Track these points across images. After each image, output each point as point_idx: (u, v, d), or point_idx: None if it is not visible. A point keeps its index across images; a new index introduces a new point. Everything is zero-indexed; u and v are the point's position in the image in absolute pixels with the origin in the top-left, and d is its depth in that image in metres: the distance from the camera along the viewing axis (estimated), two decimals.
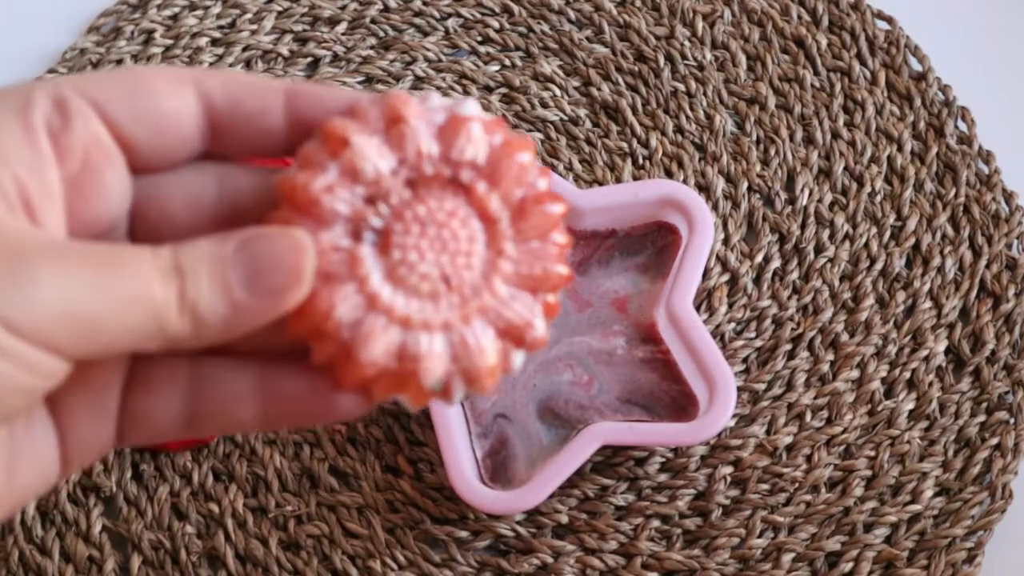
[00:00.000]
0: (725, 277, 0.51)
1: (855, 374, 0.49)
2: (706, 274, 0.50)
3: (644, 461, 0.48)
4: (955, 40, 0.55)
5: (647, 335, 0.48)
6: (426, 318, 0.25)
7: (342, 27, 0.56)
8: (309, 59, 0.56)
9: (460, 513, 0.47)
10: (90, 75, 0.26)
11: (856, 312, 0.50)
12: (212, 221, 0.27)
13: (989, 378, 0.48)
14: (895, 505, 0.47)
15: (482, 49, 0.56)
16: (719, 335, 0.49)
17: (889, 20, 0.56)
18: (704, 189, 0.52)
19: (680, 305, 0.46)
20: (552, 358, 0.47)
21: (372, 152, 0.25)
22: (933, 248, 0.51)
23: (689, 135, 0.53)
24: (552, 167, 0.52)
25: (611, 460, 0.48)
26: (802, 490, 0.47)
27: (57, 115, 0.25)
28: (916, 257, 0.51)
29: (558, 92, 0.54)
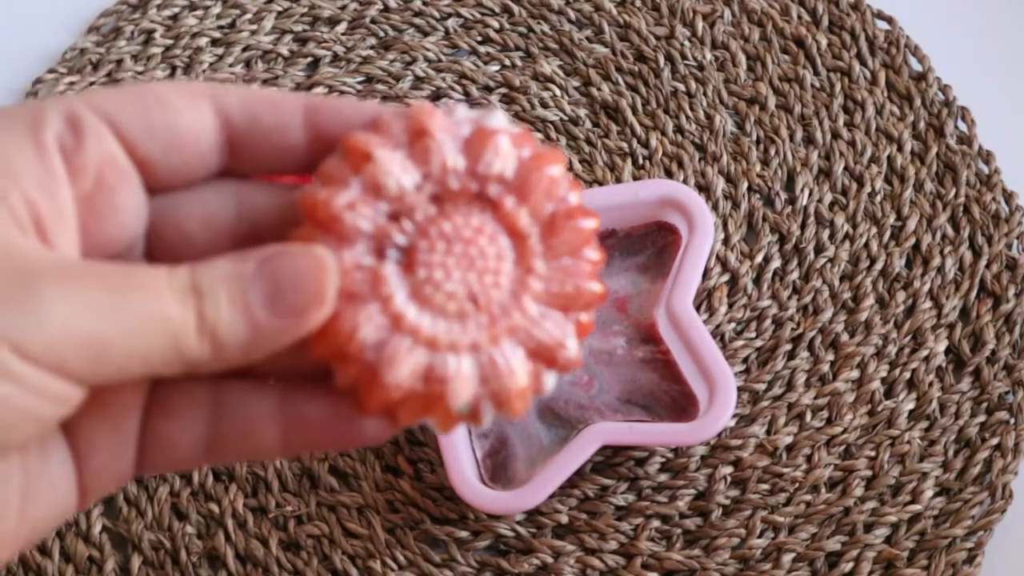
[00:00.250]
0: (725, 277, 0.51)
1: (855, 374, 0.49)
2: (706, 274, 0.50)
3: (644, 461, 0.48)
4: (955, 40, 0.55)
5: (647, 335, 0.47)
6: (453, 339, 0.24)
7: (342, 27, 0.56)
8: (309, 59, 0.56)
9: (460, 513, 0.47)
10: (103, 90, 0.25)
11: (856, 312, 0.50)
12: (231, 240, 0.26)
13: (989, 378, 0.48)
14: (895, 505, 0.47)
15: (482, 49, 0.56)
16: (719, 335, 0.49)
17: (889, 20, 0.56)
18: (704, 189, 0.52)
19: (680, 305, 0.46)
20: None
21: (395, 167, 0.24)
22: (933, 248, 0.51)
23: (689, 135, 0.53)
24: None
25: (611, 460, 0.48)
26: (802, 490, 0.47)
27: (70, 133, 0.24)
28: (916, 257, 0.51)
29: (558, 92, 0.54)
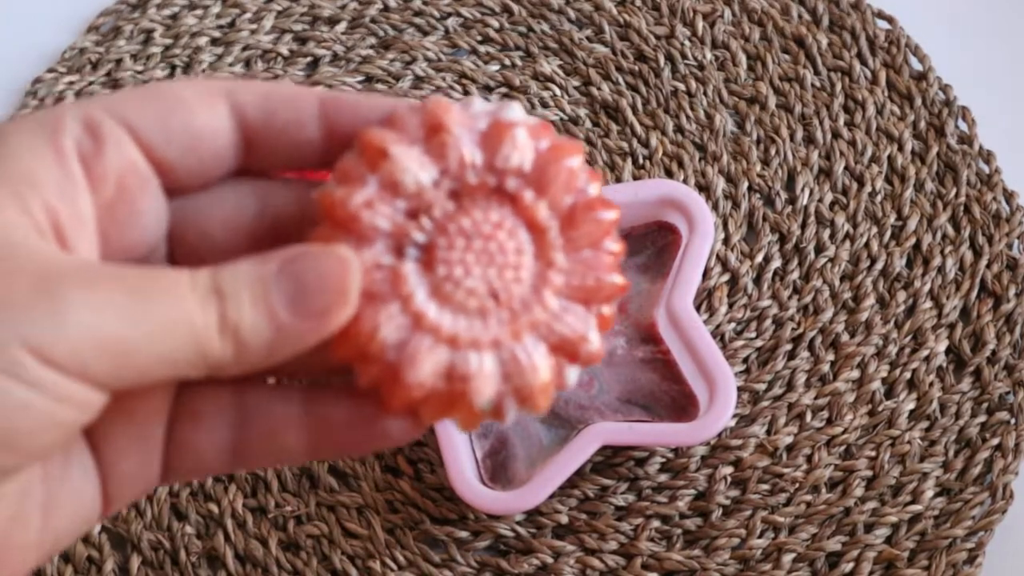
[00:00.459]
0: (725, 277, 0.50)
1: (855, 374, 0.49)
2: (706, 274, 0.50)
3: (644, 461, 0.48)
4: (956, 40, 0.55)
5: (647, 335, 0.47)
6: (475, 336, 0.24)
7: (342, 26, 0.56)
8: (309, 59, 0.56)
9: (460, 513, 0.47)
10: (120, 94, 0.25)
11: (857, 312, 0.50)
12: (251, 239, 0.26)
13: (990, 378, 0.48)
14: (896, 505, 0.47)
15: (482, 49, 0.56)
16: (719, 335, 0.49)
17: (889, 20, 0.56)
18: (704, 189, 0.52)
19: (680, 305, 0.46)
20: None
21: (412, 163, 0.24)
22: (934, 248, 0.51)
23: (689, 135, 0.53)
24: None
25: (611, 460, 0.48)
26: (802, 490, 0.47)
27: (89, 140, 0.24)
28: (917, 257, 0.51)
29: (558, 92, 0.54)
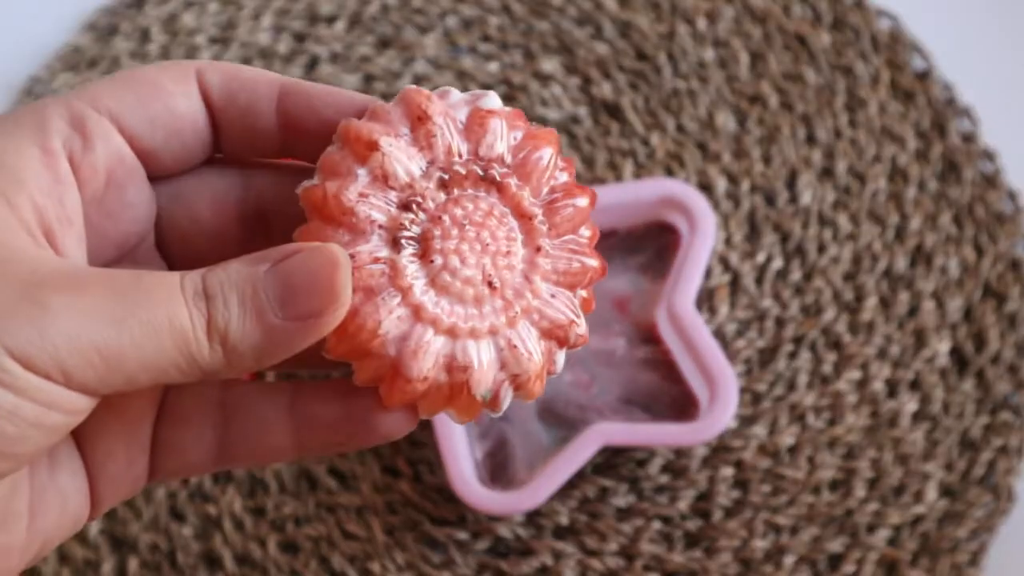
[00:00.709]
0: (727, 277, 0.50)
1: (858, 375, 0.48)
2: (707, 274, 0.50)
3: (645, 462, 0.47)
4: (958, 38, 0.55)
5: (648, 335, 0.47)
6: (473, 325, 0.24)
7: (341, 25, 0.56)
8: (308, 57, 0.55)
9: (459, 514, 0.47)
10: (99, 85, 0.24)
11: (859, 312, 0.49)
12: (239, 222, 0.26)
13: (993, 379, 0.48)
14: (898, 507, 0.46)
15: (482, 47, 0.55)
16: (720, 335, 0.49)
17: (892, 18, 0.55)
18: (705, 188, 0.52)
19: (681, 305, 0.45)
20: None
21: (402, 155, 0.24)
22: (936, 248, 0.51)
23: (690, 134, 0.53)
24: None
25: (612, 461, 0.47)
26: (804, 491, 0.47)
27: (77, 136, 0.24)
28: (919, 257, 0.51)
29: (558, 90, 0.54)
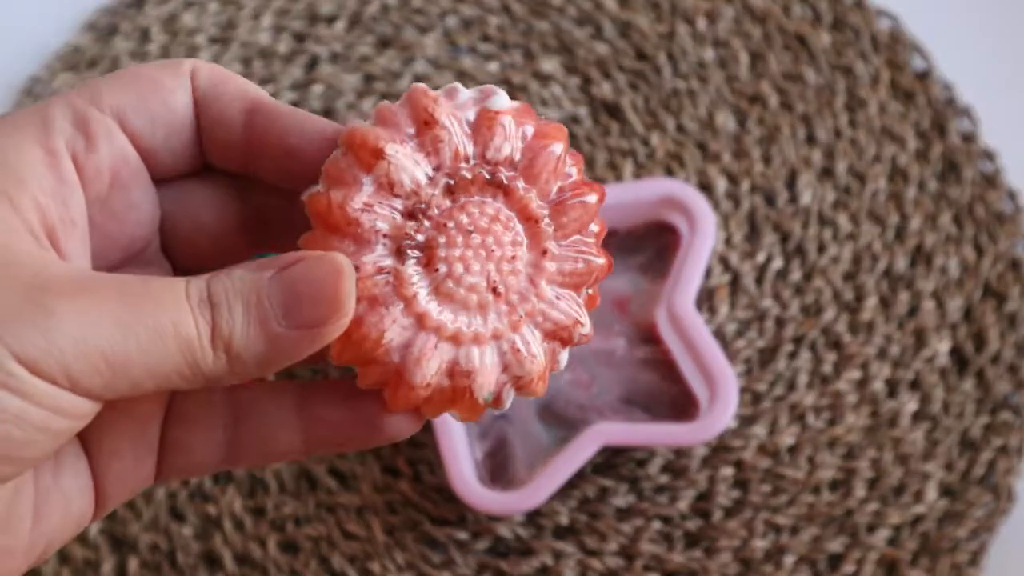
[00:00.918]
0: (727, 277, 0.50)
1: (857, 375, 0.48)
2: (707, 274, 0.50)
3: (645, 462, 0.47)
4: (958, 38, 0.55)
5: (648, 335, 0.47)
6: (476, 331, 0.24)
7: (341, 25, 0.56)
8: (308, 57, 0.55)
9: (459, 514, 0.47)
10: (102, 82, 0.24)
11: (859, 312, 0.49)
12: (241, 225, 0.26)
13: (993, 379, 0.48)
14: (898, 507, 0.46)
15: (482, 47, 0.55)
16: (720, 335, 0.49)
17: (892, 18, 0.55)
18: (705, 188, 0.52)
19: (681, 305, 0.45)
20: None
21: (408, 162, 0.24)
22: (936, 248, 0.51)
23: (690, 134, 0.53)
24: None
25: (612, 461, 0.47)
26: (804, 491, 0.47)
27: (81, 136, 0.24)
28: (919, 257, 0.51)
29: (558, 90, 0.54)
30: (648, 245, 0.48)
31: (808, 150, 0.52)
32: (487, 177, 0.25)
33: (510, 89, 0.54)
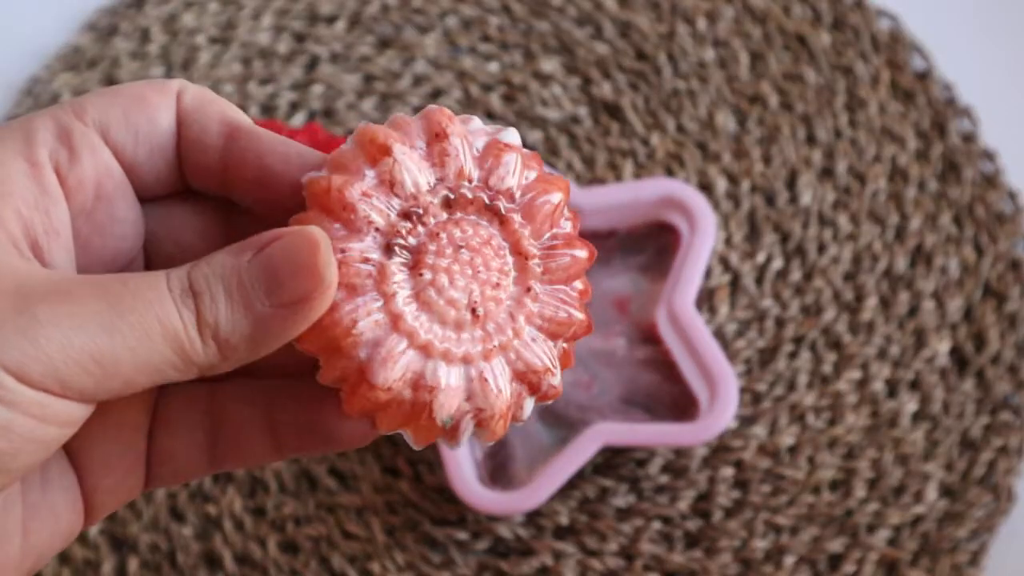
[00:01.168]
0: (727, 277, 0.50)
1: (857, 375, 0.48)
2: (707, 274, 0.50)
3: (645, 462, 0.47)
4: (958, 38, 0.55)
5: (648, 335, 0.47)
6: (448, 348, 0.24)
7: (341, 25, 0.56)
8: (308, 57, 0.55)
9: (460, 514, 0.47)
10: (88, 98, 0.24)
11: (859, 312, 0.49)
12: (226, 245, 0.26)
13: (993, 379, 0.48)
14: (898, 507, 0.46)
15: (482, 47, 0.55)
16: (720, 335, 0.49)
17: (892, 18, 0.55)
18: (705, 188, 0.52)
19: (681, 305, 0.45)
20: None
21: (413, 166, 0.24)
22: (936, 248, 0.50)
23: (690, 134, 0.53)
24: (552, 166, 0.52)
25: (612, 461, 0.47)
26: (804, 491, 0.47)
27: (64, 149, 0.24)
28: (919, 257, 0.51)
29: (558, 90, 0.54)
30: (648, 245, 0.48)
31: (808, 150, 0.52)
32: (486, 202, 0.25)
33: (510, 89, 0.54)
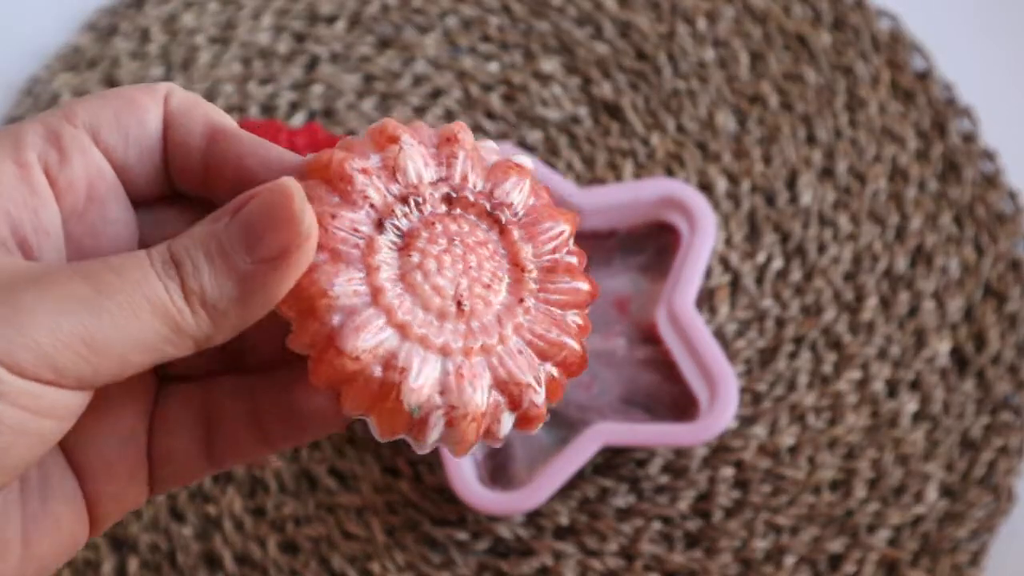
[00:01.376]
0: (727, 277, 0.50)
1: (858, 375, 0.48)
2: (707, 274, 0.50)
3: (645, 462, 0.47)
4: (959, 38, 0.55)
5: (648, 336, 0.47)
6: (426, 333, 0.23)
7: (341, 25, 0.56)
8: (308, 57, 0.55)
9: (460, 515, 0.47)
10: (79, 101, 0.25)
11: (859, 312, 0.49)
12: None
13: (993, 379, 0.48)
14: (898, 507, 0.46)
15: (482, 47, 0.55)
16: (720, 335, 0.49)
17: (892, 18, 0.55)
18: (706, 188, 0.52)
19: (681, 305, 0.45)
20: None
21: (419, 157, 0.24)
22: (937, 248, 0.50)
23: (690, 134, 0.53)
24: (552, 166, 0.52)
25: (612, 461, 0.47)
26: (804, 492, 0.47)
27: (53, 151, 0.24)
28: (919, 257, 0.51)
29: (558, 90, 0.54)
30: (648, 245, 0.48)
31: (808, 150, 0.52)
32: (488, 208, 0.24)
33: (510, 89, 0.54)
